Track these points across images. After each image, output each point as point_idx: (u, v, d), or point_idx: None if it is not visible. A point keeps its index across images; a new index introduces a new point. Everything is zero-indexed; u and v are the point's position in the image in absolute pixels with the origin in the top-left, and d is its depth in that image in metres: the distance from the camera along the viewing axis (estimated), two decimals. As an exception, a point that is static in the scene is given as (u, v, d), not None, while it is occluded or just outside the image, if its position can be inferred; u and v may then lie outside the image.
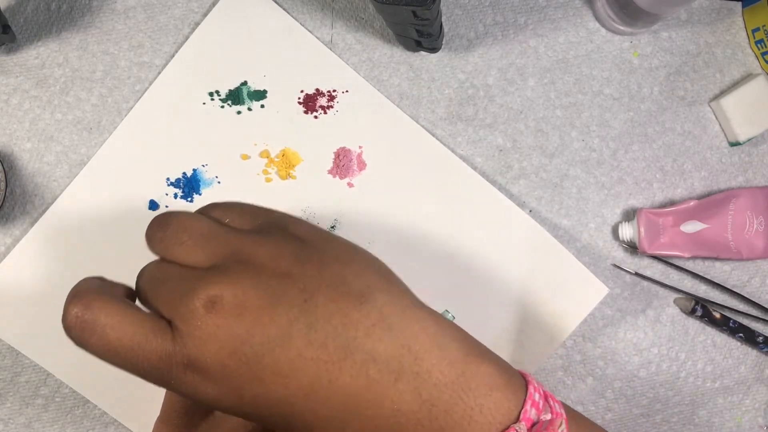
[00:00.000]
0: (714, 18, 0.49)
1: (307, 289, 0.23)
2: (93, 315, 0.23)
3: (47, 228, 0.44)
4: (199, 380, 0.23)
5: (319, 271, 0.24)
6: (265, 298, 0.23)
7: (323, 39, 0.46)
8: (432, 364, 0.24)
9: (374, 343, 0.23)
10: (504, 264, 0.46)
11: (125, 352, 0.23)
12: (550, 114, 0.48)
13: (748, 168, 0.48)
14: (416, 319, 0.24)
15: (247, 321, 0.22)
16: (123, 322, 0.23)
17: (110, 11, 0.46)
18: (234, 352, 0.22)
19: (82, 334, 0.23)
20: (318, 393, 0.23)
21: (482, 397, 0.24)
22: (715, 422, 0.48)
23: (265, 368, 0.22)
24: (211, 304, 0.22)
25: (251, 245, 0.24)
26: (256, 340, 0.22)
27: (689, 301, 0.47)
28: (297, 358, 0.22)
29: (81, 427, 0.45)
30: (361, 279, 0.25)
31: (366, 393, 0.23)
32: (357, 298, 0.24)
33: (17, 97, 0.45)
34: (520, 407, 0.24)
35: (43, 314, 0.44)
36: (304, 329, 0.23)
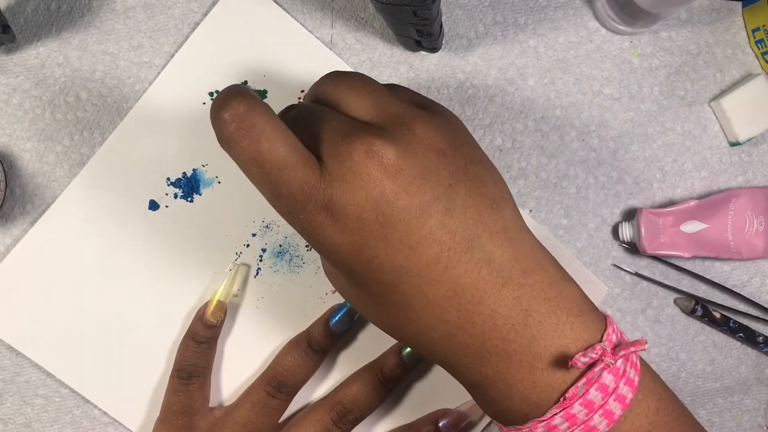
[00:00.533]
0: (714, 18, 0.49)
1: (455, 175, 0.24)
2: (254, 119, 0.22)
3: (47, 228, 0.44)
4: (330, 223, 0.23)
5: (467, 164, 0.25)
6: (419, 169, 0.23)
7: (323, 39, 0.46)
8: (536, 280, 0.25)
9: (494, 247, 0.25)
10: (504, 264, 0.46)
11: (271, 167, 0.23)
12: (550, 114, 0.48)
13: (748, 168, 0.48)
14: (528, 240, 0.27)
15: (398, 183, 0.23)
16: (280, 138, 0.23)
17: (110, 11, 0.46)
18: (375, 208, 0.23)
19: (236, 133, 0.22)
20: (431, 274, 0.24)
21: (573, 316, 0.26)
22: (715, 422, 0.48)
23: (396, 233, 0.23)
24: (372, 153, 0.23)
25: (416, 117, 0.25)
26: (399, 204, 0.23)
27: (689, 301, 0.47)
28: (428, 234, 0.23)
29: (81, 427, 0.45)
30: (497, 187, 0.26)
31: (472, 289, 0.24)
32: (491, 203, 0.25)
33: (17, 97, 0.45)
34: (602, 331, 0.26)
35: (43, 314, 0.44)
36: (443, 210, 0.24)
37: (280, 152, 0.22)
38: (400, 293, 0.24)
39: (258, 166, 0.23)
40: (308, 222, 0.23)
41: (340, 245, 0.24)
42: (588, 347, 0.25)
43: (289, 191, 0.23)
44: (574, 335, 0.26)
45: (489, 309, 0.25)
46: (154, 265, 0.44)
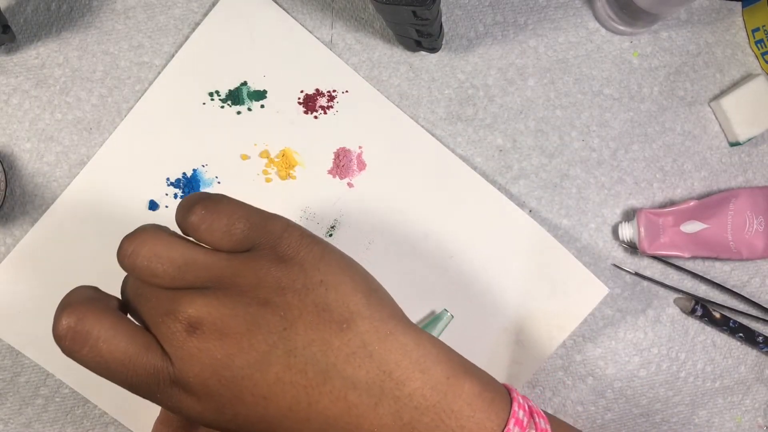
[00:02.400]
0: (714, 18, 0.49)
1: (287, 318, 0.23)
2: (86, 327, 0.23)
3: (47, 228, 0.44)
4: (184, 397, 0.24)
5: (302, 299, 0.24)
6: (245, 325, 0.23)
7: (323, 39, 0.46)
8: (414, 388, 0.24)
9: (354, 369, 0.23)
10: (504, 264, 0.46)
11: (116, 365, 0.23)
12: (550, 114, 0.48)
13: (748, 168, 0.48)
14: (399, 344, 0.24)
15: (226, 345, 0.23)
16: (116, 336, 0.23)
17: (110, 11, 0.46)
18: (214, 374, 0.23)
19: (73, 345, 0.23)
20: (297, 414, 0.23)
21: (464, 419, 0.24)
22: (715, 422, 0.48)
23: (245, 390, 0.23)
24: (191, 327, 0.23)
25: (235, 271, 0.24)
26: (235, 363, 0.23)
27: (689, 301, 0.47)
28: (276, 381, 0.23)
29: (81, 427, 0.45)
30: (345, 304, 0.24)
31: (345, 417, 0.23)
32: (338, 325, 0.24)
33: (17, 97, 0.45)
34: (503, 426, 0.25)
35: (43, 314, 0.44)
36: (283, 355, 0.23)
37: (120, 349, 0.23)
38: None
39: (104, 368, 0.23)
40: (167, 400, 0.24)
41: (201, 413, 0.24)
42: None
43: (139, 381, 0.23)
44: None
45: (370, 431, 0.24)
46: (154, 265, 0.44)
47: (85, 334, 0.23)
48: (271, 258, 0.25)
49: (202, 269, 0.24)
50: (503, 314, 0.46)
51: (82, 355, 0.23)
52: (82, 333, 0.23)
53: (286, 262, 0.25)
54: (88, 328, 0.23)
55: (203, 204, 0.25)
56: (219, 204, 0.26)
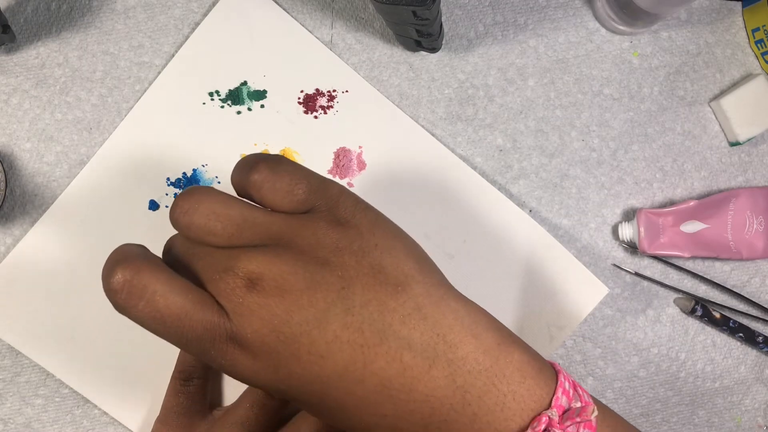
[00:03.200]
0: (714, 18, 0.49)
1: (345, 277, 0.24)
2: (143, 280, 0.23)
3: (47, 228, 0.44)
4: (240, 354, 0.23)
5: (358, 260, 0.24)
6: (304, 282, 0.23)
7: (323, 39, 0.46)
8: (467, 352, 0.24)
9: (409, 330, 0.24)
10: (504, 264, 0.46)
11: (172, 320, 0.23)
12: (550, 114, 0.48)
13: (748, 168, 0.48)
14: (450, 309, 0.25)
15: (286, 302, 0.23)
16: (172, 291, 0.23)
17: (110, 11, 0.46)
18: (273, 330, 0.23)
19: (129, 299, 0.23)
20: (352, 374, 0.23)
21: (515, 384, 0.24)
22: (714, 422, 0.48)
23: (302, 347, 0.23)
24: (251, 283, 0.23)
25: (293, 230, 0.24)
26: (294, 320, 0.23)
27: (689, 301, 0.47)
28: (333, 340, 0.23)
29: (81, 427, 0.45)
30: (399, 268, 0.25)
31: (400, 378, 0.23)
32: (394, 287, 0.24)
33: (17, 97, 0.45)
34: (551, 395, 0.25)
35: (43, 314, 0.44)
36: (341, 313, 0.23)
37: (177, 303, 0.23)
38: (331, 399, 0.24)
39: (159, 323, 0.23)
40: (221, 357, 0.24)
41: (256, 371, 0.24)
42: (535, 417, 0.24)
43: (194, 336, 0.23)
44: (518, 406, 0.24)
45: (422, 395, 0.24)
46: (154, 265, 0.44)
47: (142, 288, 0.23)
48: (329, 220, 0.25)
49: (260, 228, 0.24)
50: (503, 314, 0.46)
51: (138, 310, 0.23)
52: (138, 287, 0.23)
53: (343, 225, 0.25)
54: (145, 281, 0.23)
55: (267, 163, 0.25)
56: (281, 165, 0.26)
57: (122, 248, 0.24)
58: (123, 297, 0.23)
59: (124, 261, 0.23)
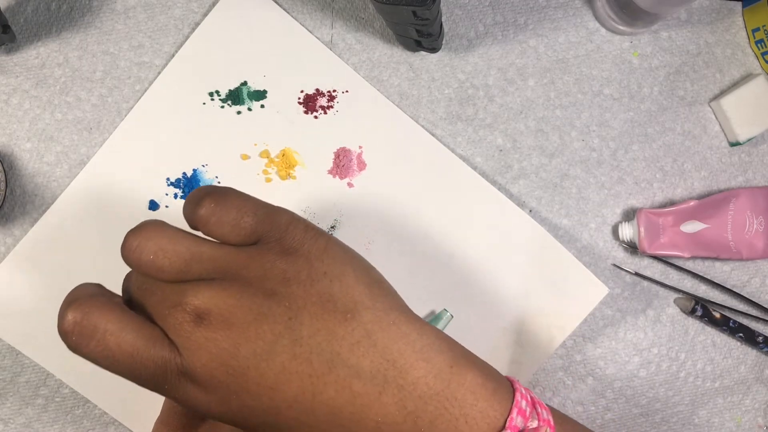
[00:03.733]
0: (714, 18, 0.49)
1: (293, 308, 0.24)
2: (93, 321, 0.23)
3: (47, 228, 0.44)
4: (192, 388, 0.24)
5: (306, 290, 0.24)
6: (251, 315, 0.23)
7: (323, 39, 0.46)
8: (417, 377, 0.24)
9: (358, 358, 0.24)
10: (504, 264, 0.46)
11: (124, 358, 0.23)
12: (550, 114, 0.48)
13: (748, 168, 0.48)
14: (401, 334, 0.25)
15: (233, 335, 0.23)
16: (123, 329, 0.23)
17: (110, 11, 0.46)
18: (222, 364, 0.23)
19: (80, 340, 0.23)
20: (303, 404, 0.23)
21: (468, 407, 0.24)
22: (715, 422, 0.48)
23: (251, 380, 0.23)
24: (198, 317, 0.23)
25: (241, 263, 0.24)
26: (242, 353, 0.23)
27: (689, 301, 0.47)
28: (282, 371, 0.23)
29: (81, 427, 0.45)
30: (349, 295, 0.25)
31: (350, 406, 0.23)
32: (343, 315, 0.24)
33: (17, 97, 0.45)
34: (506, 415, 0.25)
35: (43, 314, 0.44)
36: (289, 344, 0.23)
37: (128, 341, 0.23)
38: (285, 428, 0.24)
39: (111, 361, 0.23)
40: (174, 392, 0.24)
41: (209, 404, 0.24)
42: None
43: (147, 372, 0.23)
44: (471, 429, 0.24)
45: (373, 422, 0.24)
46: (154, 265, 0.44)
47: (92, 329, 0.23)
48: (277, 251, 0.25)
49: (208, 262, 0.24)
50: (503, 314, 0.46)
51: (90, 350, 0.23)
52: (88, 327, 0.23)
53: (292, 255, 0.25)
54: (94, 322, 0.23)
55: (212, 197, 0.26)
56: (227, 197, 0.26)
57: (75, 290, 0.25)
58: (74, 338, 0.23)
59: (74, 302, 0.24)
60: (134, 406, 0.44)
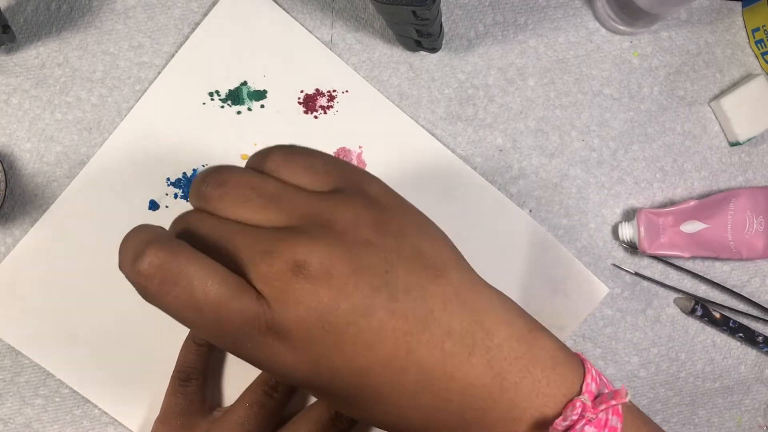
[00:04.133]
0: (714, 18, 0.49)
1: (388, 259, 0.22)
2: (180, 264, 0.20)
3: (47, 228, 0.44)
4: (279, 346, 0.22)
5: (399, 242, 0.23)
6: (349, 266, 0.22)
7: (323, 39, 0.46)
8: (502, 339, 0.24)
9: (450, 317, 0.23)
10: (504, 264, 0.46)
11: (209, 308, 0.21)
12: (550, 114, 0.48)
13: (748, 168, 0.48)
14: (485, 296, 0.25)
15: (333, 288, 0.21)
16: (210, 276, 0.21)
17: (110, 11, 0.46)
18: (319, 320, 0.21)
19: (162, 285, 0.21)
20: (395, 364, 0.22)
21: (548, 370, 0.24)
22: (715, 422, 0.48)
23: (348, 337, 0.22)
24: (297, 267, 0.21)
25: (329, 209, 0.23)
26: (341, 308, 0.21)
27: (689, 301, 0.47)
28: (379, 328, 0.22)
29: (81, 427, 0.45)
30: (437, 253, 0.24)
31: (441, 366, 0.23)
32: (434, 272, 0.23)
33: (17, 97, 0.45)
34: (581, 380, 0.25)
35: (43, 314, 0.44)
36: (387, 300, 0.22)
37: (215, 290, 0.21)
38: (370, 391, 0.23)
39: (195, 311, 0.21)
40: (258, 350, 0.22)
41: (296, 365, 0.22)
42: (568, 403, 0.24)
43: (232, 326, 0.21)
44: (552, 391, 0.24)
45: (462, 383, 0.23)
46: (154, 265, 0.44)
47: (178, 273, 0.20)
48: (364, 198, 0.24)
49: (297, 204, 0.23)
50: (503, 314, 0.46)
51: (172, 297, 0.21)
52: (173, 272, 0.20)
53: (378, 204, 0.24)
54: (182, 265, 0.20)
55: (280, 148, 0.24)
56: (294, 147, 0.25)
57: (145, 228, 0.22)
58: (155, 283, 0.20)
59: (156, 241, 0.21)
60: (134, 406, 0.44)
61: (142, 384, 0.44)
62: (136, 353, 0.44)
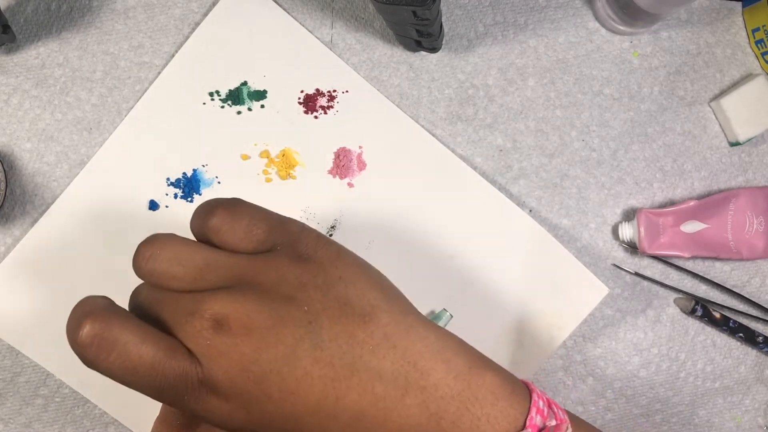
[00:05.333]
0: (714, 18, 0.49)
1: (311, 312, 0.23)
2: (113, 332, 0.22)
3: (47, 228, 0.44)
4: (212, 398, 0.23)
5: (323, 294, 0.24)
6: (270, 319, 0.23)
7: (323, 39, 0.46)
8: (438, 378, 0.24)
9: (379, 360, 0.23)
10: (504, 264, 0.46)
11: (144, 371, 0.22)
12: (550, 114, 0.48)
13: (748, 168, 0.48)
14: (419, 336, 0.25)
15: (254, 340, 0.23)
16: (143, 341, 0.22)
17: (110, 11, 0.46)
18: (243, 370, 0.23)
19: (99, 352, 0.22)
20: (325, 410, 0.23)
21: (488, 407, 0.24)
22: (715, 422, 0.48)
23: (273, 386, 0.23)
24: (218, 323, 0.23)
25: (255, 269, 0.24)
26: (263, 358, 0.23)
27: (689, 301, 0.47)
28: (304, 376, 0.23)
29: (81, 427, 0.45)
30: (365, 299, 0.25)
31: (373, 409, 0.23)
32: (361, 318, 0.24)
33: (17, 97, 0.45)
34: (525, 415, 0.25)
35: (43, 314, 0.44)
36: (310, 348, 0.23)
37: (149, 353, 0.22)
38: None
39: (132, 374, 0.22)
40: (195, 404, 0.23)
41: (230, 413, 0.23)
42: None
43: (167, 385, 0.23)
44: (493, 428, 0.24)
45: (396, 424, 0.23)
46: (154, 265, 0.44)
47: (113, 341, 0.22)
48: (291, 256, 0.25)
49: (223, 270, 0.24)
50: (503, 314, 0.46)
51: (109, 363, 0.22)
52: (109, 339, 0.22)
53: (306, 261, 0.25)
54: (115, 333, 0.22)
55: (224, 206, 0.26)
56: (238, 206, 0.26)
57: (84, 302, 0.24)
58: (93, 350, 0.22)
59: (91, 313, 0.23)
60: (134, 406, 0.44)
61: (142, 384, 0.44)
62: (136, 353, 0.44)
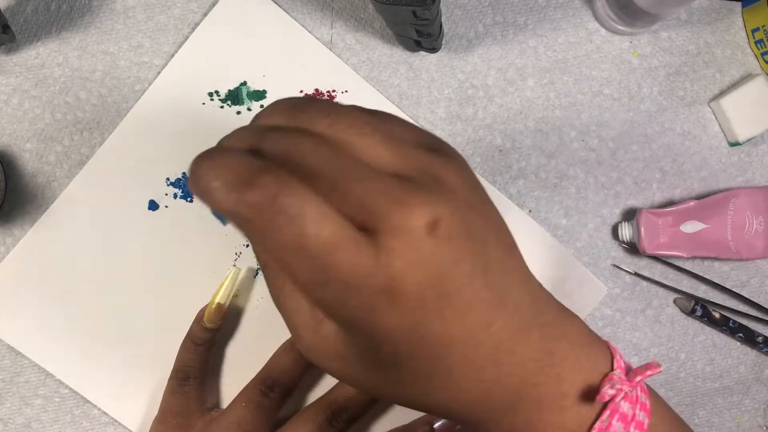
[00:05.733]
0: (714, 18, 0.49)
1: (484, 227, 0.21)
2: (297, 200, 0.18)
3: (47, 228, 0.44)
4: (386, 308, 0.19)
5: (489, 210, 0.22)
6: (464, 229, 0.20)
7: (323, 39, 0.46)
8: (550, 318, 0.25)
9: (519, 293, 0.23)
10: (504, 264, 0.46)
11: (318, 253, 0.18)
12: (550, 114, 0.48)
13: (748, 168, 0.48)
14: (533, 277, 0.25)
15: (452, 251, 0.19)
16: (325, 217, 0.18)
17: (110, 11, 0.46)
18: (437, 284, 0.19)
19: (273, 219, 0.18)
20: (476, 336, 0.21)
21: (586, 347, 0.26)
22: (714, 422, 0.48)
23: (451, 305, 0.20)
24: (432, 225, 0.19)
25: (441, 167, 0.21)
26: (456, 273, 0.20)
27: (689, 301, 0.47)
28: (474, 298, 0.21)
29: (80, 427, 0.45)
30: (508, 229, 0.24)
31: (509, 341, 0.22)
32: (510, 249, 0.23)
33: (17, 97, 0.45)
34: (610, 358, 0.26)
35: (43, 314, 0.44)
36: (482, 270, 0.21)
37: (327, 233, 0.18)
38: (445, 364, 0.21)
39: (300, 253, 0.18)
40: (361, 309, 0.19)
41: (394, 329, 0.20)
42: (605, 377, 0.25)
43: (338, 278, 0.18)
44: (591, 366, 0.25)
45: (521, 358, 0.23)
46: (154, 265, 0.44)
47: (294, 208, 0.18)
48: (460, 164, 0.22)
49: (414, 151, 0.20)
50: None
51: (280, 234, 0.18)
52: (289, 207, 0.18)
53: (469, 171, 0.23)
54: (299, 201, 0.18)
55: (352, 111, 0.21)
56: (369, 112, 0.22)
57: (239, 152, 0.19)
58: (266, 217, 0.18)
59: (268, 170, 0.18)
60: (133, 406, 0.44)
61: (140, 384, 0.44)
62: (135, 353, 0.44)
